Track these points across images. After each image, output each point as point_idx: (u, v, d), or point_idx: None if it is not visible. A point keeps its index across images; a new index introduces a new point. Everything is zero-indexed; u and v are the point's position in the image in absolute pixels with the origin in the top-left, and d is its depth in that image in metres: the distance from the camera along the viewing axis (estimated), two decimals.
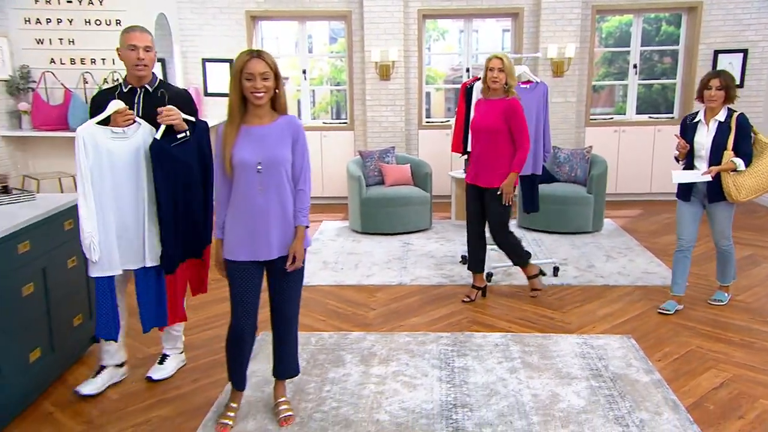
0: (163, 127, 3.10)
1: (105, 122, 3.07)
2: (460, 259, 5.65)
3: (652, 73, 9.01)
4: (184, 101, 3.33)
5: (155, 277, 3.27)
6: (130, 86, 3.24)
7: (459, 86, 8.76)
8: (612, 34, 9.54)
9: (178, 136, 3.13)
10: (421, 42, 8.07)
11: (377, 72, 7.82)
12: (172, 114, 3.09)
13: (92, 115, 3.14)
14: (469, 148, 5.58)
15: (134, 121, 3.13)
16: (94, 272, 3.11)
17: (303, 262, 2.98)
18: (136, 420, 3.18)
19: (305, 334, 4.07)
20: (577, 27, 7.74)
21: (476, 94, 5.40)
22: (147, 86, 3.26)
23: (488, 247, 6.03)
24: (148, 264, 3.23)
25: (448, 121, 8.37)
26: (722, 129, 4.06)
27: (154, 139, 3.11)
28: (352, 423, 3.11)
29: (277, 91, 2.85)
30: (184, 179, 3.21)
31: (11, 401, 3.08)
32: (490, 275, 5.15)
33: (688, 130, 4.26)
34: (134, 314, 3.39)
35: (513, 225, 5.86)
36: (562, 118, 7.88)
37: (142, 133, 3.13)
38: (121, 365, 3.52)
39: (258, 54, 2.78)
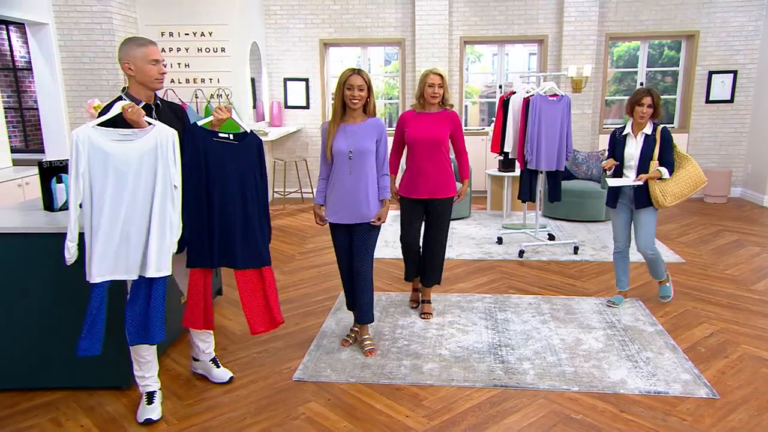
0: (207, 120, 2.80)
1: (112, 125, 2.53)
2: (497, 240, 5.95)
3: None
4: (180, 114, 2.94)
5: (152, 289, 2.60)
6: (143, 102, 2.71)
7: (491, 100, 9.05)
8: (621, 57, 9.65)
9: (220, 134, 2.80)
10: (462, 63, 8.35)
11: None
12: (222, 114, 2.82)
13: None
14: (501, 151, 5.87)
15: (148, 123, 2.57)
16: (93, 278, 2.49)
17: (378, 229, 3.43)
18: (257, 349, 3.58)
19: (378, 293, 4.43)
20: (593, 51, 7.93)
21: (512, 106, 5.72)
22: (158, 102, 2.81)
23: (505, 231, 6.24)
24: (151, 274, 2.56)
25: (483, 129, 8.65)
26: (648, 141, 3.85)
27: (194, 123, 2.76)
28: (421, 355, 3.46)
29: (368, 99, 3.26)
30: (228, 176, 2.81)
31: (173, 330, 3.45)
32: (522, 252, 5.44)
33: (617, 143, 4.02)
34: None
35: (539, 215, 6.14)
36: (580, 127, 8.07)
37: (157, 134, 2.55)
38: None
39: (358, 71, 3.20)
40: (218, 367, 3.20)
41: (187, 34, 6.81)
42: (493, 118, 7.50)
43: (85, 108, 3.70)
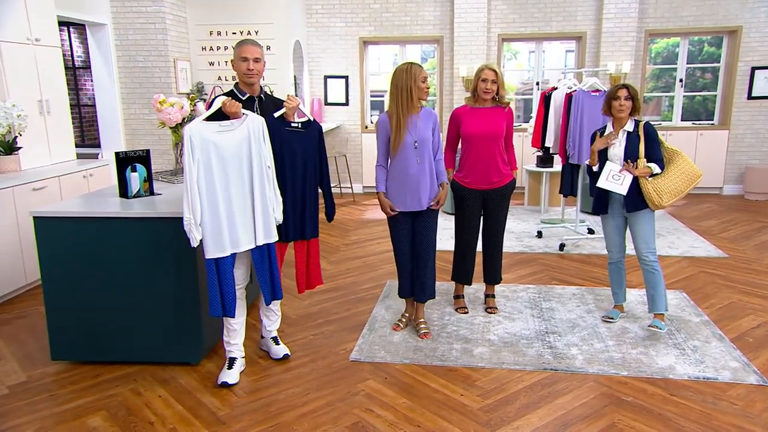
0: (282, 110, 3.08)
1: (217, 119, 2.87)
2: (536, 234, 6.01)
3: (694, 87, 9.01)
4: (281, 107, 3.19)
5: (268, 255, 3.04)
6: (247, 95, 3.13)
7: (527, 97, 9.08)
8: (660, 53, 9.56)
9: (292, 124, 3.11)
10: (500, 61, 8.39)
11: (464, 85, 8.23)
12: (294, 102, 3.10)
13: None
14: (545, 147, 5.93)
15: (243, 114, 2.91)
16: (209, 254, 2.84)
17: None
18: (313, 332, 3.75)
19: None
20: (632, 48, 7.90)
21: (554, 101, 5.78)
22: (261, 96, 3.18)
23: (544, 225, 6.20)
24: (260, 242, 2.98)
25: (520, 125, 8.68)
26: (632, 138, 3.58)
27: (271, 115, 3.05)
28: (471, 340, 3.58)
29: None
30: (297, 161, 3.13)
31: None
32: (562, 245, 5.50)
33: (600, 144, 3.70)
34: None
35: (578, 210, 6.17)
36: None
37: (249, 122, 2.89)
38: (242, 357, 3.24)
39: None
40: (277, 344, 3.40)
41: (234, 33, 7.01)
42: (531, 115, 7.56)
43: (152, 102, 3.91)
